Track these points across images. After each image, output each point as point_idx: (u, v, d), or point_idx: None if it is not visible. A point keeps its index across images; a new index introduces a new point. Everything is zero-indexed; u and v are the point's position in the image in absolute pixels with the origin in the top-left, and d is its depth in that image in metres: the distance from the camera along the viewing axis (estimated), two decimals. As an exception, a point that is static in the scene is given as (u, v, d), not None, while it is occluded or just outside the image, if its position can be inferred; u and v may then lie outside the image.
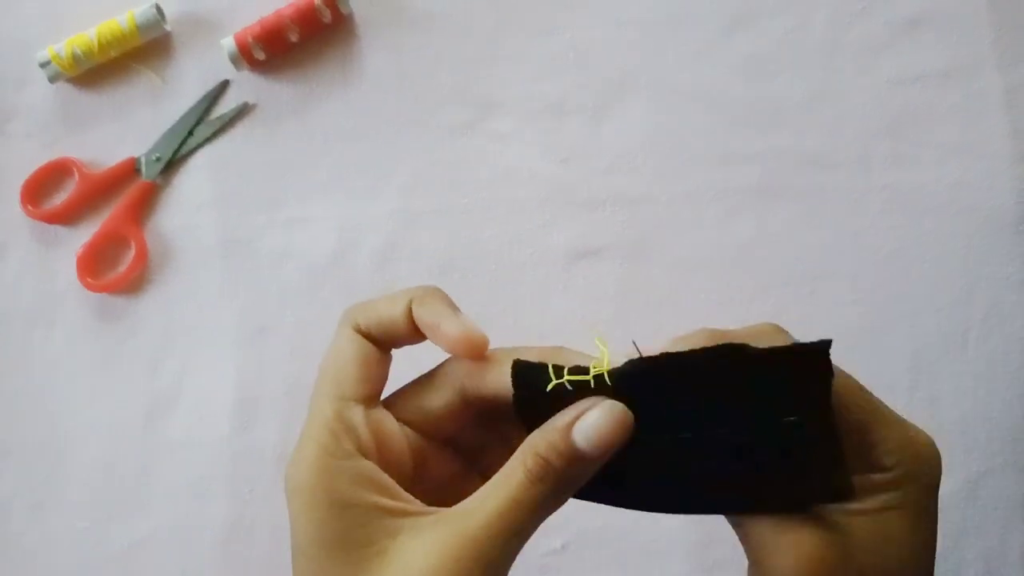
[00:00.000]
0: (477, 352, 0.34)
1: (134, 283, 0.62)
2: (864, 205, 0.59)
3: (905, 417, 0.34)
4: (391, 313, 0.34)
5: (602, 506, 0.59)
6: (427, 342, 0.35)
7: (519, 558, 0.58)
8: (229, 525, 0.58)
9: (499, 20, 0.62)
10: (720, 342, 0.32)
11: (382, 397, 0.36)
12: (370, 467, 0.33)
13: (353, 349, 0.35)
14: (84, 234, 0.62)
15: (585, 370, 0.33)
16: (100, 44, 0.62)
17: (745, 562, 0.35)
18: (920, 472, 0.33)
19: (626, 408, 0.32)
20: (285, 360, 0.60)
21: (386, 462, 0.34)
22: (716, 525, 0.37)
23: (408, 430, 0.36)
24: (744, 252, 0.59)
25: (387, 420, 0.35)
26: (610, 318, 0.59)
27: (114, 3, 0.63)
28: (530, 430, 0.33)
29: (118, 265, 0.62)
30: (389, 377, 0.36)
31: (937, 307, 0.58)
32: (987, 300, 0.58)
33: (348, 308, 0.36)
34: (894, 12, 0.61)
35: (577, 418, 0.32)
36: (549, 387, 0.33)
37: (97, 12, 0.63)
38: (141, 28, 0.62)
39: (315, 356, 0.58)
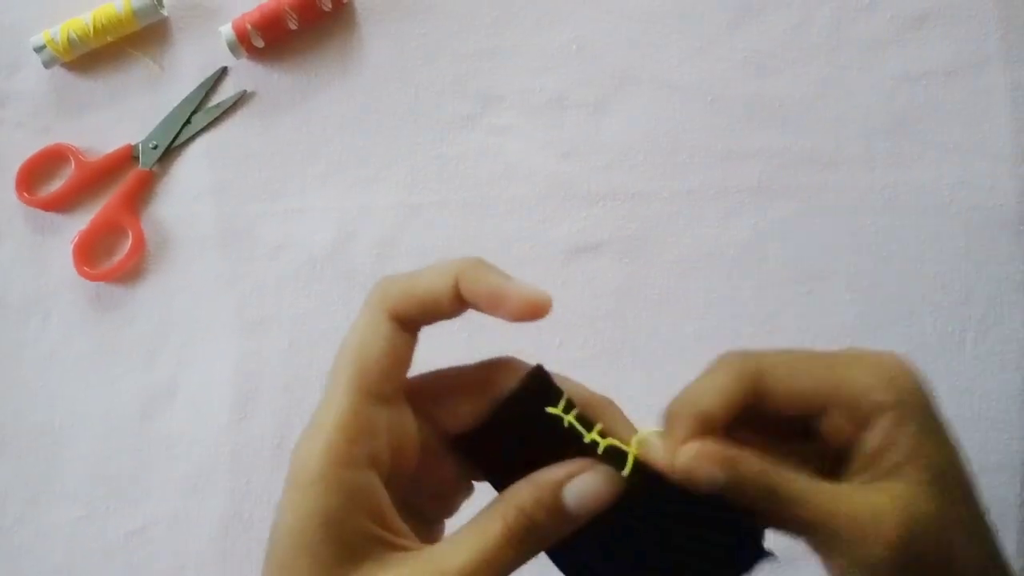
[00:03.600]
0: (542, 312, 0.32)
1: (131, 272, 0.61)
2: (865, 204, 0.59)
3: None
4: (434, 289, 0.32)
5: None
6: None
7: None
8: (227, 517, 0.58)
9: (501, 12, 0.62)
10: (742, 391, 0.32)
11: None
12: (370, 487, 0.32)
13: (383, 338, 0.32)
14: (80, 222, 0.62)
15: (588, 426, 0.33)
16: (96, 29, 0.62)
17: None
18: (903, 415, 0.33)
19: (622, 480, 0.32)
20: (283, 352, 0.60)
21: (394, 464, 0.33)
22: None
23: (422, 426, 0.34)
24: (743, 250, 0.59)
25: (406, 421, 0.33)
26: (608, 314, 0.59)
27: (110, -13, 0.62)
28: (500, 430, 0.33)
29: (114, 254, 0.61)
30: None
31: (936, 307, 0.58)
32: (986, 300, 0.58)
33: (381, 284, 0.33)
34: (900, 8, 0.60)
35: (570, 476, 0.32)
36: (550, 410, 0.33)
37: (93, -4, 0.62)
38: (138, 13, 0.62)
39: (314, 348, 0.59)
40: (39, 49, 0.62)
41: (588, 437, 0.32)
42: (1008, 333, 0.58)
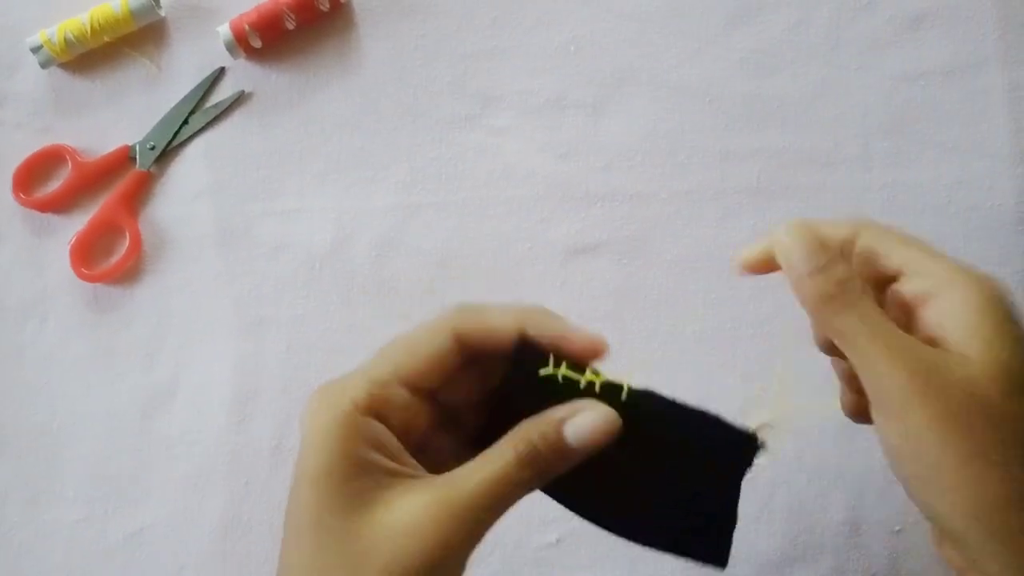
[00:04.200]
0: (604, 353, 0.37)
1: (128, 273, 0.61)
2: (863, 204, 0.59)
3: None
4: (500, 323, 0.37)
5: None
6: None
7: (514, 551, 0.58)
8: (226, 518, 0.58)
9: (499, 13, 0.62)
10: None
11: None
12: (385, 434, 0.35)
13: (438, 345, 0.36)
14: (77, 223, 0.62)
15: (580, 370, 0.36)
16: (93, 29, 0.61)
17: (741, 558, 0.36)
18: (983, 283, 0.36)
19: (618, 417, 0.36)
20: (282, 353, 0.60)
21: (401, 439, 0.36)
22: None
23: (423, 406, 0.37)
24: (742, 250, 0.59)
25: (419, 411, 0.37)
26: (607, 314, 0.59)
27: (107, -13, 0.62)
28: (507, 407, 0.36)
29: (112, 255, 0.61)
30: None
31: (934, 307, 0.58)
32: (984, 300, 0.58)
33: (458, 306, 0.38)
34: (898, 8, 0.60)
35: (571, 415, 0.36)
36: (543, 372, 0.36)
37: (90, -4, 0.62)
38: (135, 13, 0.61)
39: (312, 349, 0.59)
40: (36, 49, 0.61)
41: (584, 380, 0.36)
42: (1006, 333, 0.58)
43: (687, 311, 0.59)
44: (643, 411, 0.36)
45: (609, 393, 0.36)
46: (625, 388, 0.37)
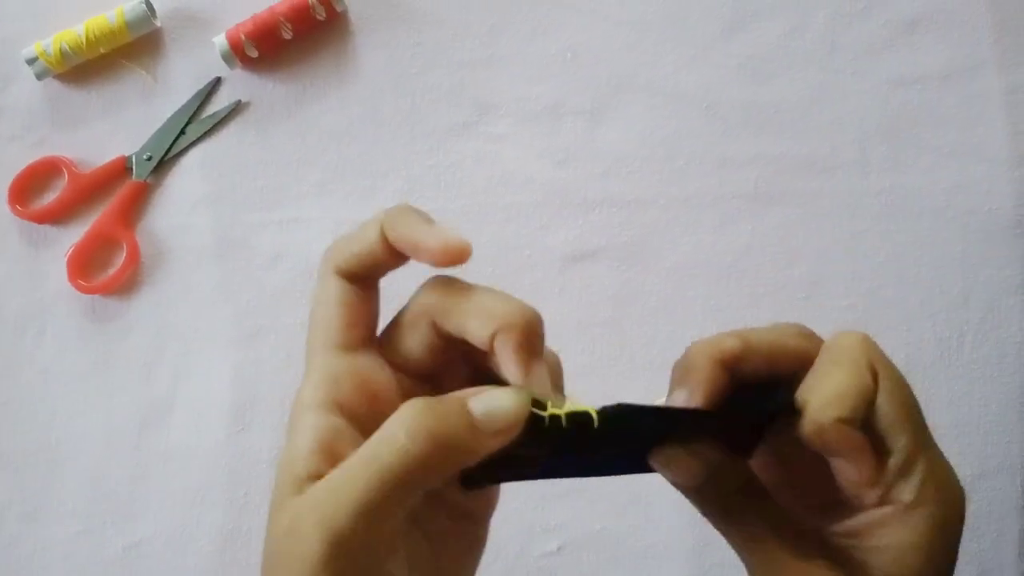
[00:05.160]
0: (462, 258, 0.32)
1: (126, 284, 0.61)
2: (861, 209, 0.59)
3: None
4: (366, 242, 0.33)
5: (599, 509, 0.59)
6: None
7: (516, 560, 0.58)
8: (225, 530, 0.58)
9: (496, 21, 0.62)
10: (742, 345, 0.33)
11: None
12: (333, 429, 0.31)
13: (335, 294, 0.33)
14: (74, 234, 0.61)
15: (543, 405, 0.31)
16: (88, 40, 0.61)
17: (742, 566, 0.35)
18: (944, 517, 0.33)
19: (528, 399, 0.30)
20: (281, 363, 0.60)
21: (374, 412, 0.32)
22: (714, 528, 0.37)
23: (400, 375, 0.34)
24: (740, 256, 0.59)
25: (376, 367, 0.33)
26: (606, 321, 0.59)
27: (103, -2, 0.62)
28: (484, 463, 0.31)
29: (109, 266, 0.61)
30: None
31: (933, 311, 0.58)
32: (984, 303, 0.58)
33: (327, 250, 0.34)
34: (893, 13, 0.60)
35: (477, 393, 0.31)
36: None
37: (85, 7, 0.62)
38: (130, 24, 0.61)
39: (310, 359, 0.59)
40: (31, 61, 0.61)
41: (547, 414, 0.31)
42: (1006, 336, 0.58)
43: (685, 317, 0.59)
44: (626, 430, 0.32)
45: (578, 423, 0.31)
46: (594, 413, 0.31)
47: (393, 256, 0.33)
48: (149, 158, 0.62)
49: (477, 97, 0.61)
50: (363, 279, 0.34)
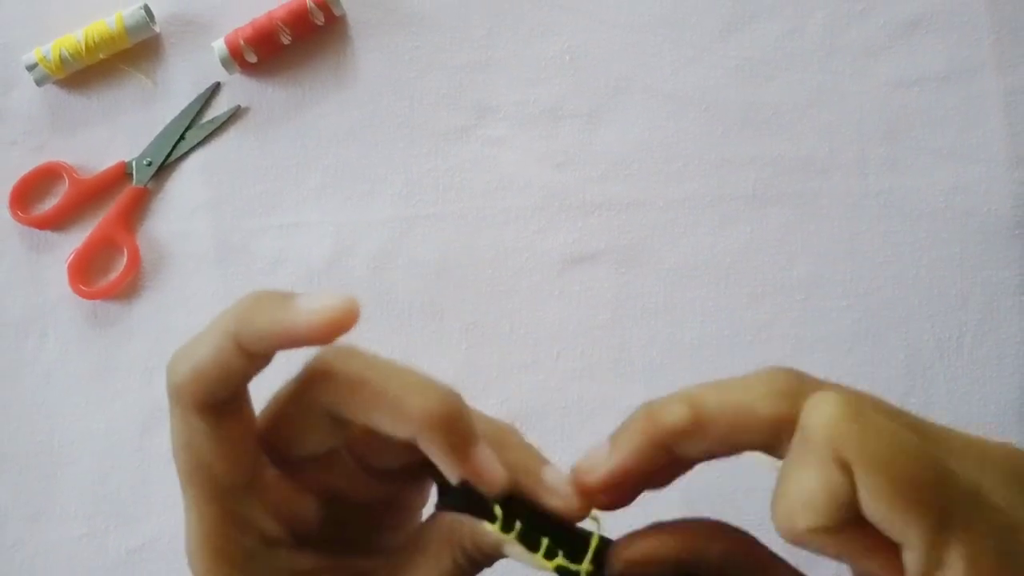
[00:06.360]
0: (351, 320, 0.28)
1: (127, 290, 0.61)
2: (860, 210, 0.59)
3: None
4: (219, 362, 0.28)
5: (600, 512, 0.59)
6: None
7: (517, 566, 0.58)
8: (227, 534, 0.58)
9: (494, 24, 0.62)
10: (691, 419, 0.29)
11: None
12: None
13: (202, 435, 0.29)
14: (75, 240, 0.62)
15: (536, 540, 0.30)
16: (88, 46, 0.61)
17: None
18: None
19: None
20: (282, 367, 0.59)
21: (301, 528, 0.31)
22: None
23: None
24: (739, 258, 0.59)
25: (283, 487, 0.31)
26: (605, 323, 0.59)
27: (102, 4, 0.62)
28: None
29: (110, 272, 0.61)
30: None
31: (932, 312, 0.58)
32: (982, 305, 0.58)
33: (171, 375, 0.29)
34: (892, 14, 0.60)
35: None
36: (488, 527, 0.30)
37: (84, 13, 0.62)
38: (130, 30, 0.61)
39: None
40: (31, 67, 0.61)
41: (537, 562, 0.29)
42: (1005, 338, 0.58)
43: (685, 319, 0.59)
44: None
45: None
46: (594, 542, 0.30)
47: (256, 362, 0.28)
48: (149, 163, 0.62)
49: (475, 100, 0.61)
50: (227, 401, 0.29)
